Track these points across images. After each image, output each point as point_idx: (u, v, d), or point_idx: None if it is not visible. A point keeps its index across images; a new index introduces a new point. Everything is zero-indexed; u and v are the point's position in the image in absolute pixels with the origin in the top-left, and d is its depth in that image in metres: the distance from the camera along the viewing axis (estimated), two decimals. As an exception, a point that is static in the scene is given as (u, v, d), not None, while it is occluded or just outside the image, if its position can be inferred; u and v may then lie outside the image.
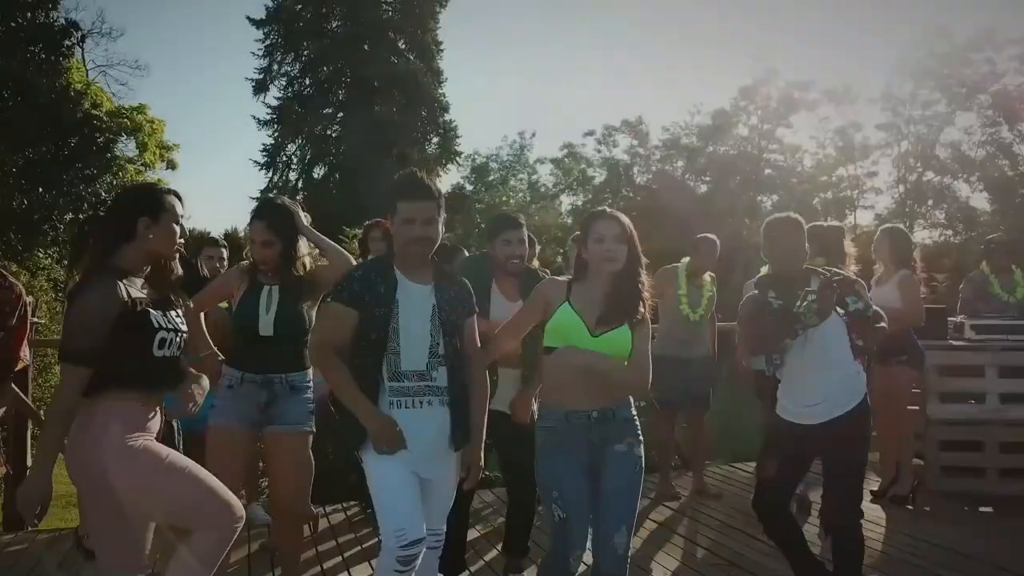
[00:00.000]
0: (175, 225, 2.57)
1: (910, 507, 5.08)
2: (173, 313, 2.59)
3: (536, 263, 5.35)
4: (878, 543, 4.43)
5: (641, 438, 2.85)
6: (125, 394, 2.43)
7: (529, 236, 5.42)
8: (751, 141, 32.46)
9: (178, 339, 2.56)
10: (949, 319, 5.70)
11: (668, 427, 5.63)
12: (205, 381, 2.76)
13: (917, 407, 5.52)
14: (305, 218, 3.57)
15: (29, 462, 5.33)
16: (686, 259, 5.40)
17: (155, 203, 2.55)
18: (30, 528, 4.45)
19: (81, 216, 17.83)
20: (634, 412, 2.86)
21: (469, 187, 42.38)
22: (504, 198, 42.64)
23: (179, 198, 2.66)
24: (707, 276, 5.39)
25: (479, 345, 2.90)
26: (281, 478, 3.54)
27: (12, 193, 17.00)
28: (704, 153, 33.11)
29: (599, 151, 36.42)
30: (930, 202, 30.73)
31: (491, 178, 43.70)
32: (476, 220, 39.25)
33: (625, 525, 2.71)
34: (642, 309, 2.79)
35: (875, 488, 5.23)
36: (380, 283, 2.65)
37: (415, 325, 2.65)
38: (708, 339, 5.49)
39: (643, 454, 2.84)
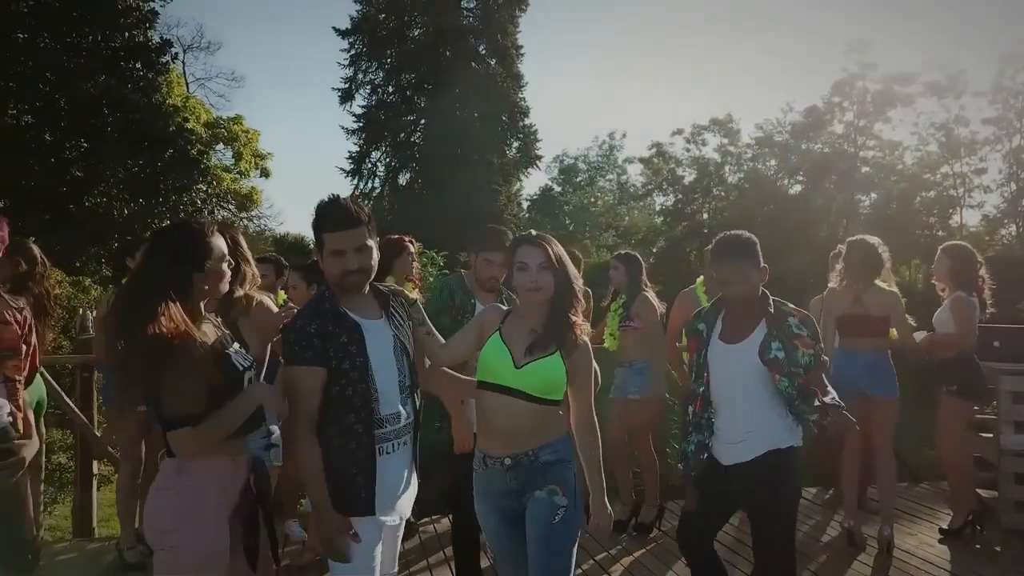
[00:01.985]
0: (223, 266, 2.44)
1: (978, 546, 4.69)
2: (237, 345, 2.49)
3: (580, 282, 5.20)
4: (932, 587, 4.11)
5: (570, 483, 2.60)
6: (222, 447, 2.30)
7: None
8: (847, 138, 31.10)
9: (254, 372, 2.44)
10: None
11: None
12: None
13: (991, 434, 5.14)
14: None
15: (96, 469, 5.58)
16: (700, 278, 5.15)
17: (204, 254, 2.35)
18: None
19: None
20: (561, 454, 2.61)
21: (557, 188, 42.31)
22: (592, 199, 42.41)
23: (222, 230, 2.51)
24: None
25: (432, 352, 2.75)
26: None
27: (113, 204, 17.99)
28: (797, 151, 31.96)
29: (688, 150, 35.78)
30: (1045, 200, 28.72)
31: (579, 179, 43.51)
32: (566, 222, 39.24)
33: None
34: (576, 337, 2.59)
35: (944, 526, 4.87)
36: (340, 332, 2.39)
37: (385, 367, 2.46)
38: None
39: (572, 501, 2.59)
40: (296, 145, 59.66)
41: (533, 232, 2.65)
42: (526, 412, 2.56)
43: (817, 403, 2.88)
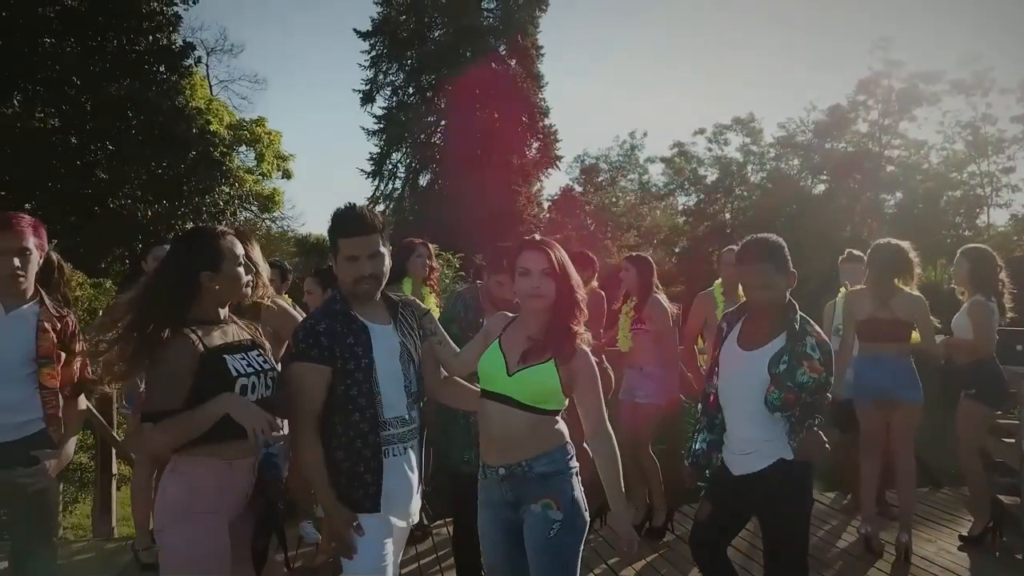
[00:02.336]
0: (238, 268, 2.50)
1: (998, 553, 4.61)
2: (255, 353, 2.52)
3: (595, 284, 5.15)
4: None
5: (567, 495, 2.51)
6: (210, 449, 2.34)
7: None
8: (871, 137, 30.74)
9: (264, 379, 2.47)
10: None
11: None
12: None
13: (1013, 439, 5.05)
14: None
15: (115, 469, 5.65)
16: (719, 280, 5.09)
17: (213, 253, 2.45)
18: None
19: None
20: (557, 465, 2.52)
21: (578, 188, 42.23)
22: (613, 199, 42.26)
23: (238, 236, 2.58)
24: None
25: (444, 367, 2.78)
26: None
27: (137, 205, 18.20)
28: (821, 150, 31.66)
29: (710, 150, 35.58)
30: (1076, 199, 28.20)
31: (600, 179, 43.38)
32: (587, 223, 39.16)
33: None
34: (573, 346, 2.51)
35: (964, 532, 4.78)
36: (347, 333, 2.46)
37: (390, 371, 2.51)
38: None
39: (569, 513, 2.50)
40: (317, 146, 59.96)
41: (537, 236, 2.61)
42: (519, 420, 2.52)
43: (793, 421, 2.82)
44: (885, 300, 4.37)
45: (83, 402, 3.20)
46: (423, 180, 31.68)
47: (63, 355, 3.04)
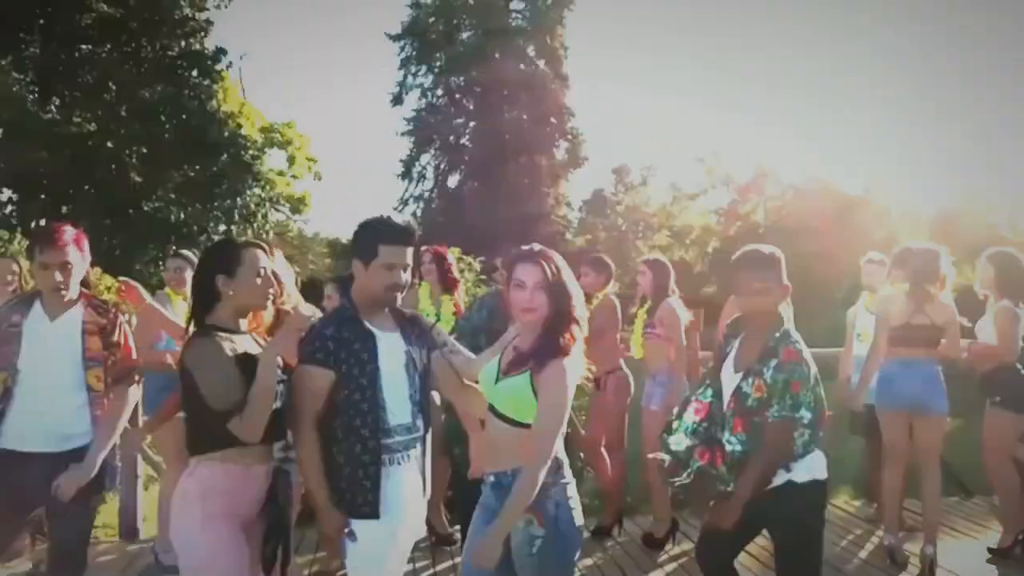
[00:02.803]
0: (256, 278, 2.55)
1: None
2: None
3: (608, 290, 5.08)
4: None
5: (548, 510, 2.40)
6: (228, 454, 2.42)
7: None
8: (908, 135, 30.13)
9: (282, 388, 2.51)
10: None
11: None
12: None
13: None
14: None
15: (141, 471, 5.71)
16: None
17: (230, 259, 2.54)
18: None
19: (232, 227, 19.23)
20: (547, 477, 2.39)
21: (609, 189, 42.07)
22: (644, 199, 42.07)
23: (263, 249, 2.63)
24: None
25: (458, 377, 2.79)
26: None
27: (170, 207, 18.50)
28: (856, 149, 31.12)
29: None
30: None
31: (631, 178, 43.17)
32: (618, 223, 38.98)
33: None
34: (549, 359, 2.39)
35: (993, 544, 4.66)
36: (353, 339, 2.48)
37: (395, 378, 2.53)
38: None
39: (552, 528, 2.39)
40: (348, 149, 60.67)
41: (536, 247, 2.54)
42: (501, 430, 2.48)
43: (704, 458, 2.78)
44: (921, 305, 4.28)
45: (129, 396, 3.15)
46: (452, 182, 31.84)
47: (109, 355, 3.08)
